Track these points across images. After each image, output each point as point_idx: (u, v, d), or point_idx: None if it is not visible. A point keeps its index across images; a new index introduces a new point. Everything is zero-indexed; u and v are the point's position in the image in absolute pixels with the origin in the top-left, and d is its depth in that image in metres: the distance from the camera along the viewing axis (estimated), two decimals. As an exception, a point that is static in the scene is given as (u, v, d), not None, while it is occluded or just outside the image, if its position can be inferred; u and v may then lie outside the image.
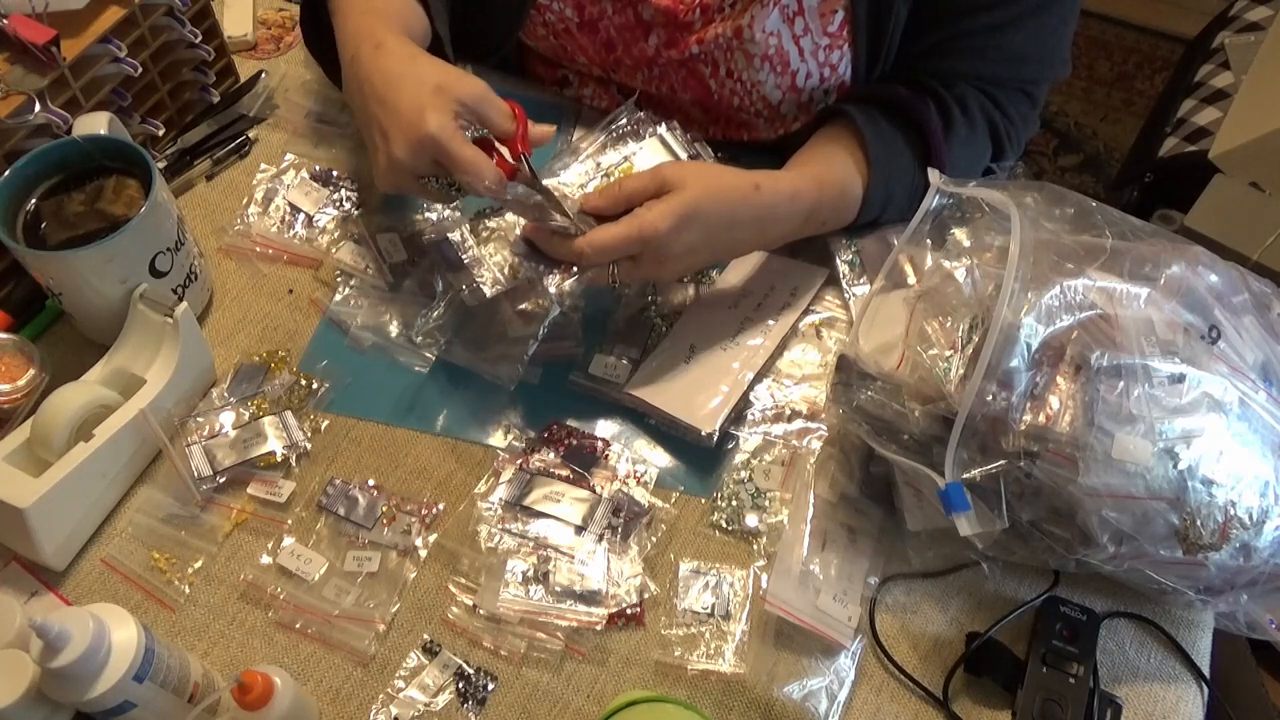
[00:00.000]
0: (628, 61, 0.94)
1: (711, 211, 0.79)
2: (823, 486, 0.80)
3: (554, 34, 0.96)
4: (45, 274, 0.81)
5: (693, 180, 0.78)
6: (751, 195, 0.81)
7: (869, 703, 0.73)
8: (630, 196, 0.78)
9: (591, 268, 0.79)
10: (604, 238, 0.77)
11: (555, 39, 0.96)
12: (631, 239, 0.76)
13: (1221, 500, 0.67)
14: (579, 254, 0.77)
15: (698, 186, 0.78)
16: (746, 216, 0.81)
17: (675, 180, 0.78)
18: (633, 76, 0.97)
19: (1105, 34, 2.49)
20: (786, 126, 0.97)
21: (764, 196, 0.81)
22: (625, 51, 0.94)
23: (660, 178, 0.78)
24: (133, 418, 0.78)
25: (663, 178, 0.78)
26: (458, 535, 0.78)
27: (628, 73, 0.97)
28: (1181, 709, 0.74)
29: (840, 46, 0.90)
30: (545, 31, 0.97)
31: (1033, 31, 0.88)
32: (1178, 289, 0.71)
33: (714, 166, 0.83)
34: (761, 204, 0.81)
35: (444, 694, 0.73)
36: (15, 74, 0.83)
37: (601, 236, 0.77)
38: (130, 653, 0.62)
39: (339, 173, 0.99)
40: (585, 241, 0.77)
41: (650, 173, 0.79)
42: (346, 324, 0.89)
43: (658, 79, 0.96)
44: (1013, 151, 0.95)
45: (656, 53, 0.93)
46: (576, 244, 0.77)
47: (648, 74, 0.96)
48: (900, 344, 0.73)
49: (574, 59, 0.98)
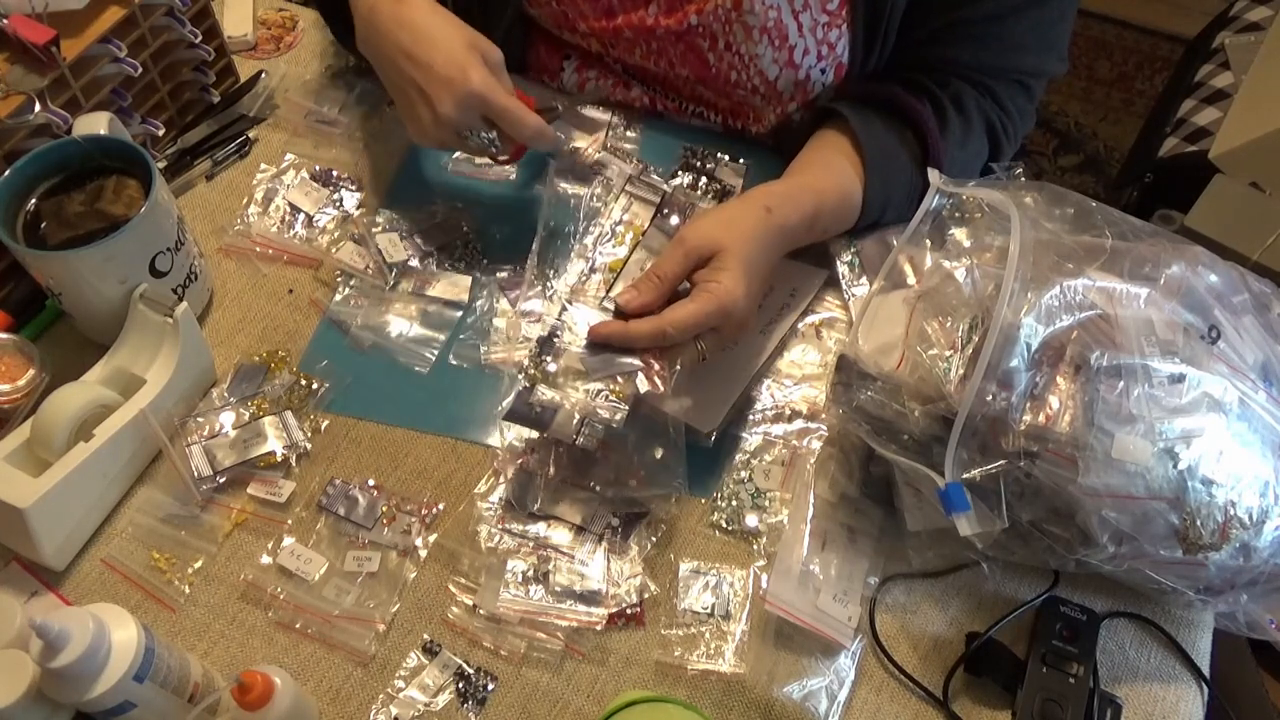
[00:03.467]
0: (627, 32, 0.94)
1: (756, 255, 0.79)
2: (823, 486, 0.80)
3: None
4: (45, 274, 0.81)
5: (722, 234, 0.79)
6: (768, 220, 0.81)
7: (869, 703, 0.73)
8: (672, 282, 0.78)
9: (675, 344, 0.77)
10: (683, 315, 0.76)
11: (557, 4, 0.96)
12: (713, 313, 0.76)
13: (1221, 500, 0.67)
14: (661, 334, 0.76)
15: (732, 237, 0.79)
16: (775, 243, 0.82)
17: (709, 243, 0.78)
18: (631, 51, 0.97)
19: (1105, 34, 2.49)
20: (784, 106, 0.97)
21: (776, 218, 0.82)
22: (625, 19, 0.94)
23: (691, 248, 0.78)
24: (133, 418, 0.78)
25: (694, 246, 0.78)
26: (458, 535, 0.78)
27: (627, 46, 0.97)
28: (1181, 709, 0.74)
29: (839, 25, 0.90)
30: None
31: (1032, 22, 0.89)
32: (1178, 289, 0.71)
33: (723, 210, 0.83)
34: (776, 226, 0.82)
35: (444, 694, 0.73)
36: (15, 74, 0.83)
37: (680, 315, 0.76)
38: (130, 653, 0.62)
39: (339, 173, 0.99)
40: (666, 321, 0.76)
41: (676, 250, 0.79)
42: (346, 324, 0.89)
43: (656, 53, 0.96)
44: (1010, 148, 0.95)
45: (655, 21, 0.93)
46: (657, 325, 0.76)
47: (646, 47, 0.96)
48: (900, 344, 0.73)
49: (574, 27, 0.98)
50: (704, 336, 0.78)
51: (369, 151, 1.01)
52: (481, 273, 0.92)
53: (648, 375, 0.77)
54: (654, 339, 0.77)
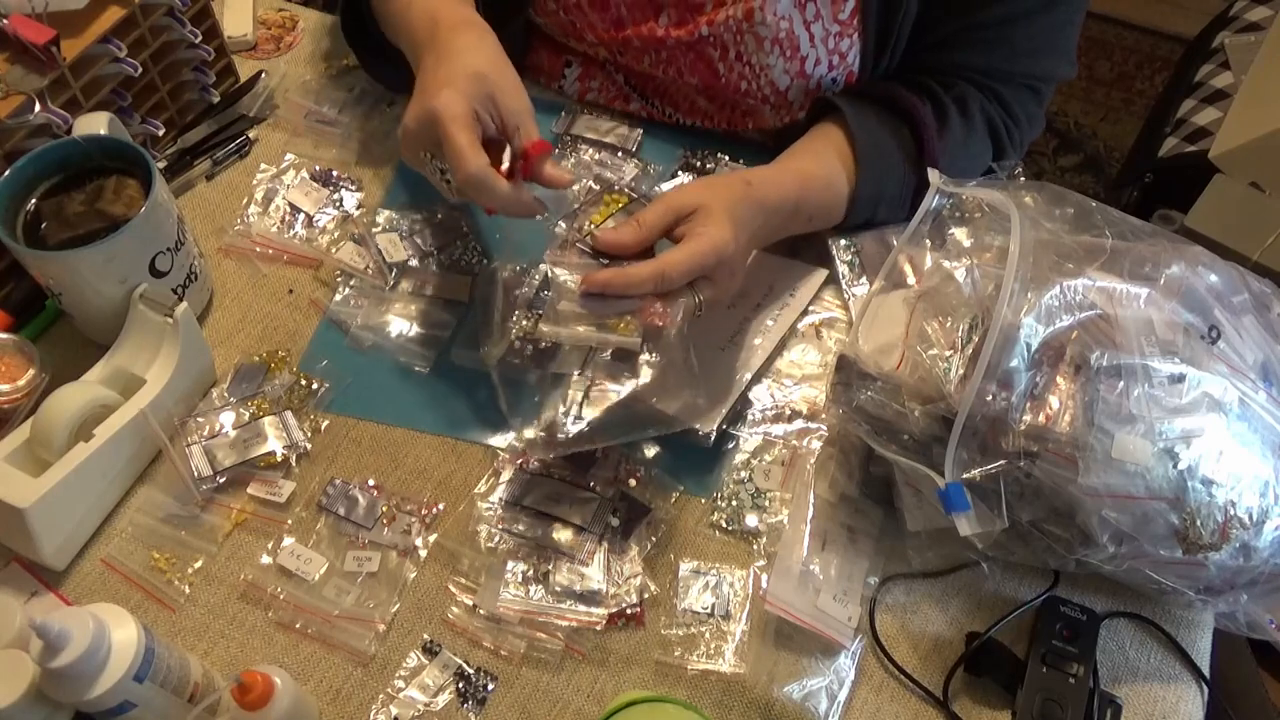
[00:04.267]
0: (636, 42, 0.94)
1: (740, 214, 0.79)
2: (823, 486, 0.80)
3: (564, 9, 0.96)
4: (45, 274, 0.81)
5: (704, 192, 0.79)
6: (749, 191, 0.81)
7: (869, 703, 0.73)
8: (651, 231, 0.77)
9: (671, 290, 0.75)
10: (680, 257, 0.75)
11: (565, 14, 0.96)
12: (707, 253, 0.75)
13: (1221, 500, 0.67)
14: (659, 275, 0.74)
15: (714, 196, 0.78)
16: (755, 214, 0.82)
17: (691, 198, 0.78)
18: (640, 59, 0.97)
19: (1105, 34, 2.49)
20: (793, 115, 0.97)
21: (755, 192, 0.82)
22: (634, 30, 0.94)
23: (672, 201, 0.78)
24: (133, 418, 0.78)
25: (675, 200, 0.78)
26: (458, 535, 0.78)
27: (635, 55, 0.97)
28: (1181, 709, 0.74)
29: (850, 35, 0.90)
30: (555, 6, 0.96)
31: (1041, 27, 0.89)
32: (1177, 289, 0.71)
33: (707, 179, 0.83)
34: (756, 199, 0.82)
35: (444, 694, 0.73)
36: (15, 74, 0.83)
37: (677, 256, 0.75)
38: (130, 653, 0.62)
39: (339, 173, 0.99)
40: (663, 263, 0.74)
41: (658, 204, 0.78)
42: (346, 324, 0.89)
43: (665, 62, 0.96)
44: (1015, 151, 0.95)
45: (665, 33, 0.93)
46: (656, 266, 0.74)
47: (655, 56, 0.96)
48: (900, 344, 0.73)
49: (582, 37, 0.98)
50: (699, 286, 0.77)
51: (369, 151, 1.01)
52: (481, 273, 0.92)
53: (650, 314, 0.75)
54: (652, 281, 0.74)
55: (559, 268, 0.77)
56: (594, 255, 0.77)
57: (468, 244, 0.94)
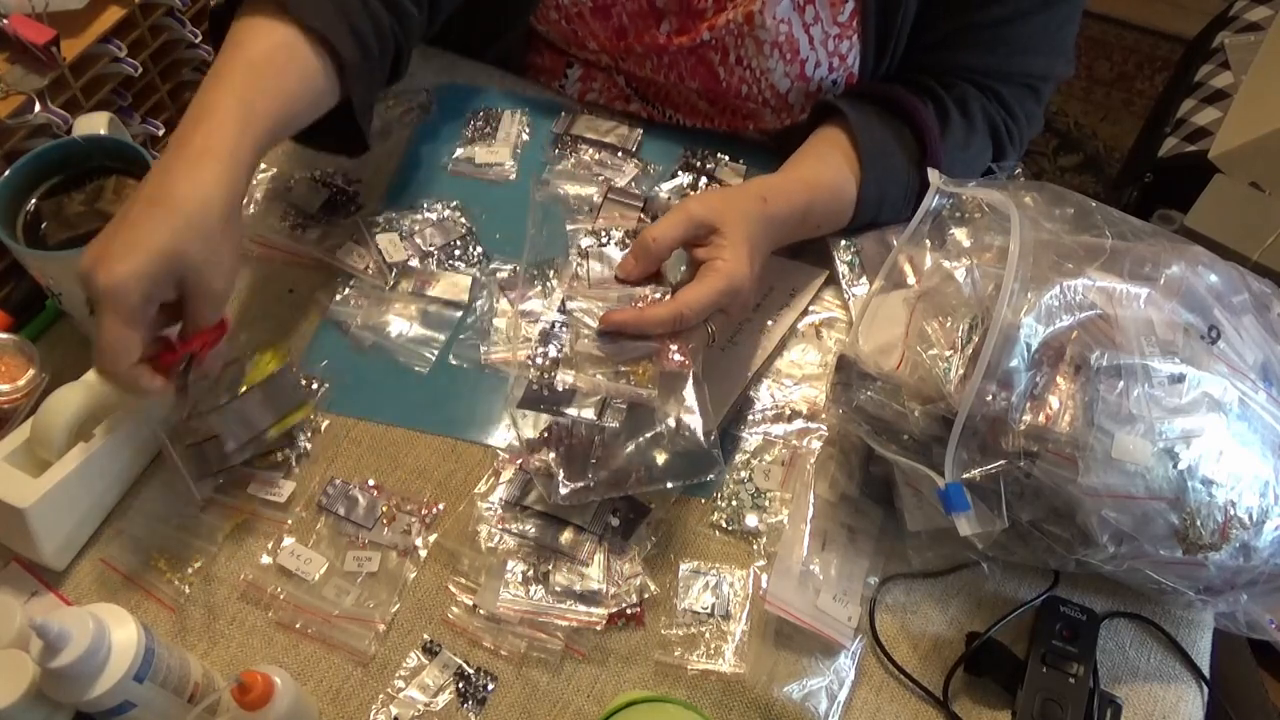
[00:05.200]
0: (638, 48, 0.94)
1: (755, 236, 0.79)
2: (823, 486, 0.80)
3: (566, 18, 0.96)
4: (45, 274, 0.81)
5: (724, 208, 0.78)
6: (764, 209, 0.81)
7: (869, 703, 0.73)
8: (661, 253, 0.77)
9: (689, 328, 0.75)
10: (697, 295, 0.74)
11: (567, 23, 0.96)
12: (725, 291, 0.75)
13: (1221, 500, 0.67)
14: (678, 317, 0.74)
15: (733, 214, 0.78)
16: (768, 232, 0.82)
17: (712, 213, 0.77)
18: (642, 65, 0.97)
19: (1105, 34, 2.49)
20: (794, 117, 0.97)
21: (770, 208, 0.82)
22: (636, 38, 0.94)
23: (694, 214, 0.77)
24: (133, 417, 0.78)
25: (697, 213, 0.77)
26: (458, 535, 0.78)
27: (637, 61, 0.97)
28: (1181, 709, 0.74)
29: (849, 37, 0.90)
30: (558, 15, 0.96)
31: (1040, 26, 0.89)
32: (1177, 289, 0.71)
33: (725, 192, 0.82)
34: (770, 216, 0.82)
35: (444, 694, 0.73)
36: (15, 74, 0.83)
37: (694, 295, 0.74)
38: (130, 653, 0.62)
39: (339, 173, 0.99)
40: (681, 304, 0.74)
41: (677, 214, 0.77)
42: (346, 324, 0.89)
43: (666, 67, 0.96)
44: (1015, 151, 0.95)
45: (668, 40, 0.93)
46: (673, 308, 0.74)
47: (657, 62, 0.96)
48: (900, 344, 0.73)
49: (584, 45, 0.98)
50: (712, 317, 0.77)
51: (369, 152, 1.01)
52: (481, 273, 0.92)
53: (668, 355, 0.75)
54: (671, 322, 0.74)
55: (575, 300, 0.77)
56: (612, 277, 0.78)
57: (468, 244, 0.94)
